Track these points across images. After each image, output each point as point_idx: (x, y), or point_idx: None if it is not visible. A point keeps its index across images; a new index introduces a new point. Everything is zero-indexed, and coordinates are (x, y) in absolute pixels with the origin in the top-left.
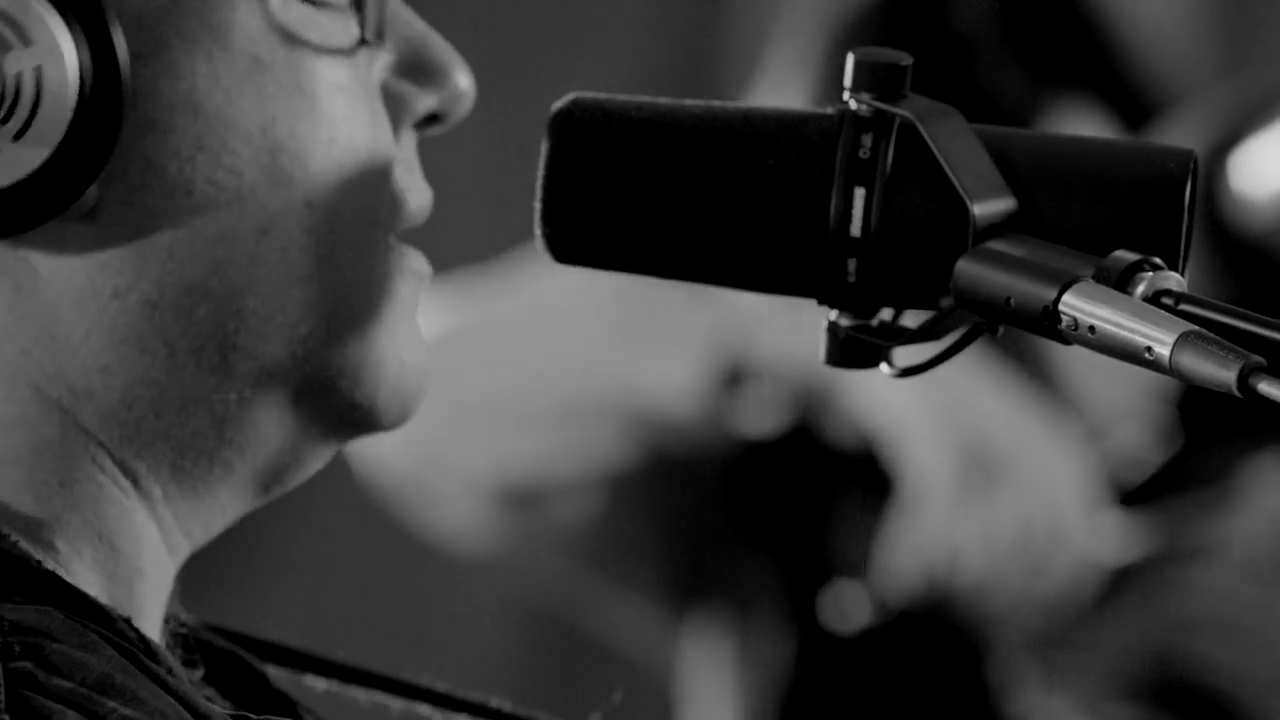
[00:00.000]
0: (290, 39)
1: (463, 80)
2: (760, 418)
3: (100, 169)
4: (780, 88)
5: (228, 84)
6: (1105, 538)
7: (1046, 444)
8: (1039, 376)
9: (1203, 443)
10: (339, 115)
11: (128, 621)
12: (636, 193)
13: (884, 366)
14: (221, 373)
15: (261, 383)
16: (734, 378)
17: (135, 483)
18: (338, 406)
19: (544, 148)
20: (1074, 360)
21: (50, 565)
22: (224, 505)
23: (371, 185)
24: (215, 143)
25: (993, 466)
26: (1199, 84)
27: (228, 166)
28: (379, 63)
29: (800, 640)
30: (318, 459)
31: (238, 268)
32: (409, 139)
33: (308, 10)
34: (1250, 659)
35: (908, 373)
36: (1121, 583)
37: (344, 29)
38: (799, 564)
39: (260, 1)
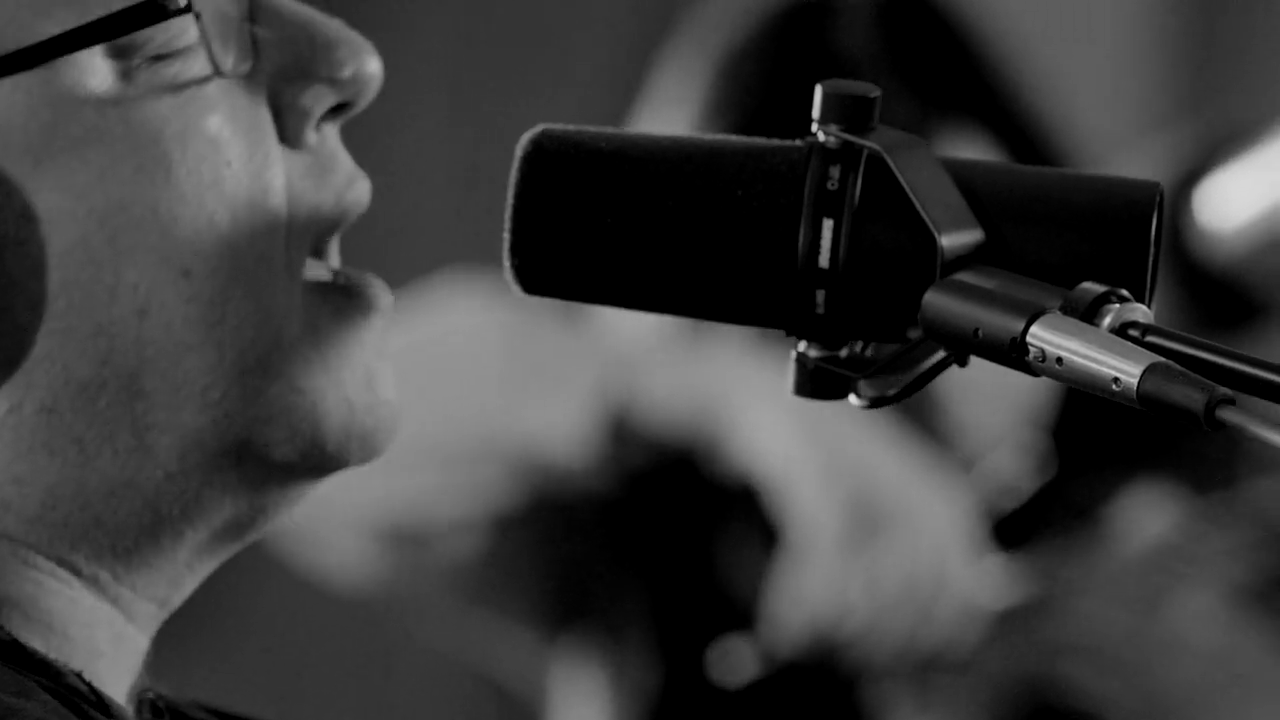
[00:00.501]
0: (132, 107)
1: (354, 64)
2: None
3: None
4: (665, 110)
5: (68, 179)
6: (988, 583)
7: (930, 491)
8: (915, 402)
9: (1076, 470)
10: (203, 167)
11: (79, 675)
12: (605, 224)
13: (852, 398)
14: (141, 454)
15: (189, 453)
16: (619, 421)
17: (77, 573)
18: (281, 459)
19: (513, 179)
20: (950, 386)
21: None
22: (189, 565)
23: (259, 225)
24: (70, 241)
25: (878, 515)
26: (1166, 117)
27: (87, 260)
28: (263, 74)
29: (669, 673)
30: (289, 501)
31: (125, 354)
32: (327, 134)
33: (154, 67)
34: (1121, 686)
35: (876, 404)
36: (1002, 619)
37: (203, 66)
38: (677, 599)
39: (85, 83)
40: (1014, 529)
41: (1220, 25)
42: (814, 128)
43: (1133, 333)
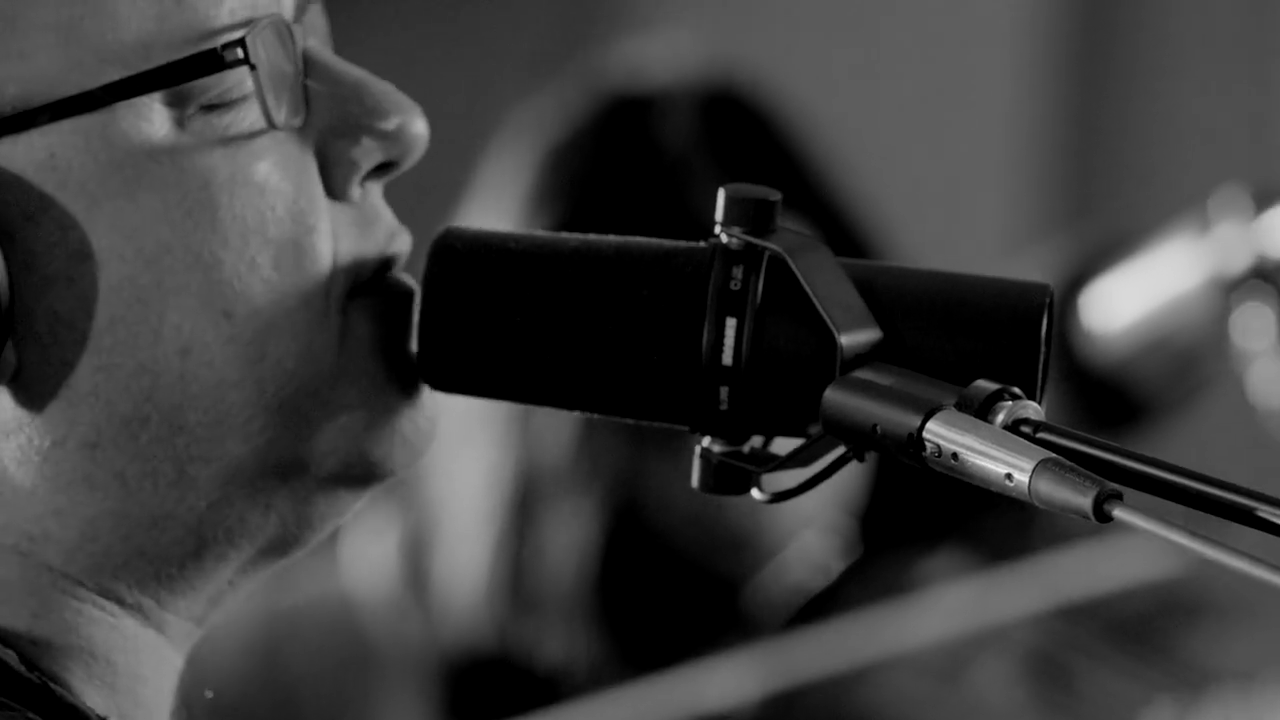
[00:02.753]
0: (185, 153)
1: (402, 123)
2: None
3: (1, 343)
4: (493, 205)
5: (120, 220)
6: None
7: None
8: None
9: (881, 551)
10: (248, 213)
11: None
12: (514, 323)
13: (755, 492)
14: (183, 486)
15: (232, 481)
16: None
17: (120, 601)
18: (328, 473)
19: (422, 278)
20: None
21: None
22: (231, 583)
23: (303, 269)
24: (117, 279)
25: None
26: (1053, 225)
27: (134, 299)
28: (313, 128)
29: None
30: (336, 514)
31: (169, 391)
32: (371, 190)
33: (207, 116)
34: None
35: (778, 498)
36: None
37: (256, 118)
38: None
39: (141, 128)
40: (822, 606)
41: (1104, 141)
42: (717, 229)
43: (1025, 429)
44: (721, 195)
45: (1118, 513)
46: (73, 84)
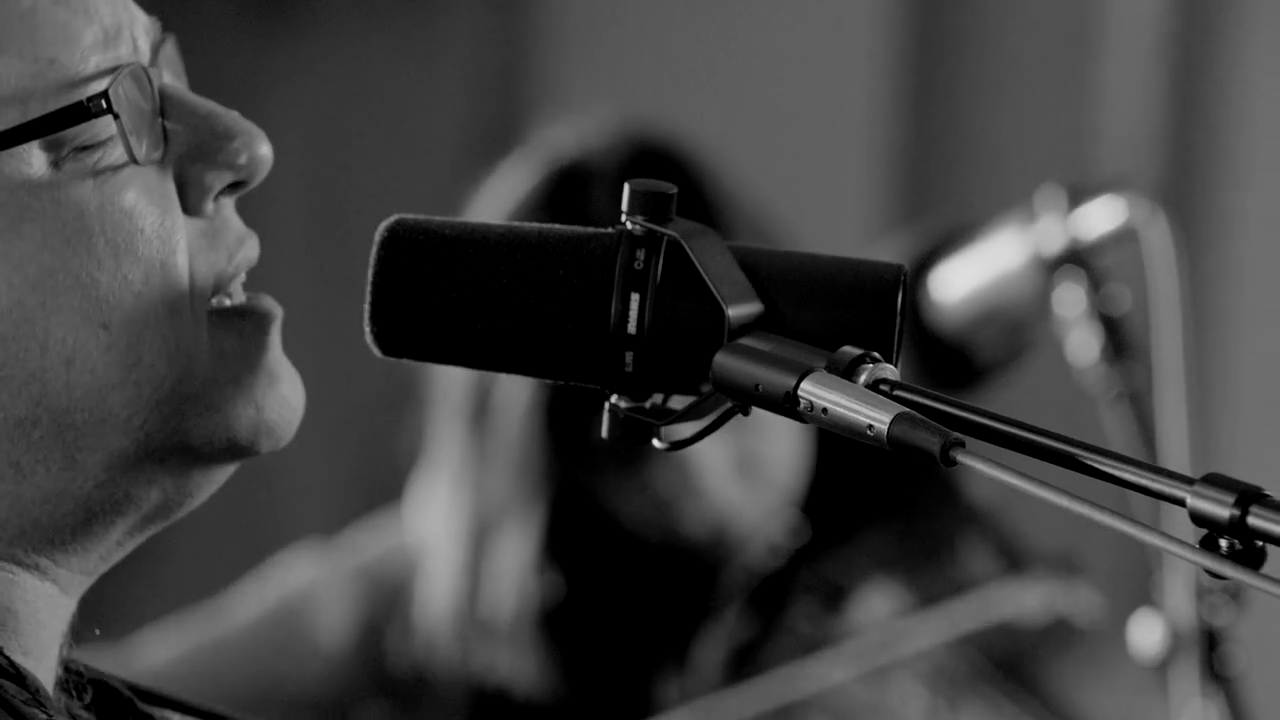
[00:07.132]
0: (61, 189)
1: (248, 148)
2: None
3: None
4: None
5: (9, 252)
6: None
7: None
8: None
9: (827, 545)
10: (120, 235)
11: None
12: (450, 296)
13: (655, 441)
14: (73, 470)
15: (116, 465)
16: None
17: (18, 562)
18: (203, 456)
19: (372, 259)
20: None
21: None
22: (119, 544)
23: (168, 281)
24: (6, 303)
25: None
26: (905, 218)
27: (23, 319)
28: (171, 155)
29: None
30: (212, 483)
31: (56, 397)
32: (223, 204)
33: (79, 156)
34: None
35: (675, 446)
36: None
37: (121, 155)
38: None
39: (22, 170)
40: (774, 587)
41: (945, 148)
42: (623, 218)
43: (883, 388)
44: (626, 188)
45: (961, 457)
46: None
